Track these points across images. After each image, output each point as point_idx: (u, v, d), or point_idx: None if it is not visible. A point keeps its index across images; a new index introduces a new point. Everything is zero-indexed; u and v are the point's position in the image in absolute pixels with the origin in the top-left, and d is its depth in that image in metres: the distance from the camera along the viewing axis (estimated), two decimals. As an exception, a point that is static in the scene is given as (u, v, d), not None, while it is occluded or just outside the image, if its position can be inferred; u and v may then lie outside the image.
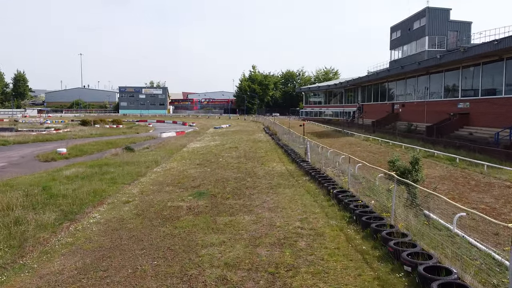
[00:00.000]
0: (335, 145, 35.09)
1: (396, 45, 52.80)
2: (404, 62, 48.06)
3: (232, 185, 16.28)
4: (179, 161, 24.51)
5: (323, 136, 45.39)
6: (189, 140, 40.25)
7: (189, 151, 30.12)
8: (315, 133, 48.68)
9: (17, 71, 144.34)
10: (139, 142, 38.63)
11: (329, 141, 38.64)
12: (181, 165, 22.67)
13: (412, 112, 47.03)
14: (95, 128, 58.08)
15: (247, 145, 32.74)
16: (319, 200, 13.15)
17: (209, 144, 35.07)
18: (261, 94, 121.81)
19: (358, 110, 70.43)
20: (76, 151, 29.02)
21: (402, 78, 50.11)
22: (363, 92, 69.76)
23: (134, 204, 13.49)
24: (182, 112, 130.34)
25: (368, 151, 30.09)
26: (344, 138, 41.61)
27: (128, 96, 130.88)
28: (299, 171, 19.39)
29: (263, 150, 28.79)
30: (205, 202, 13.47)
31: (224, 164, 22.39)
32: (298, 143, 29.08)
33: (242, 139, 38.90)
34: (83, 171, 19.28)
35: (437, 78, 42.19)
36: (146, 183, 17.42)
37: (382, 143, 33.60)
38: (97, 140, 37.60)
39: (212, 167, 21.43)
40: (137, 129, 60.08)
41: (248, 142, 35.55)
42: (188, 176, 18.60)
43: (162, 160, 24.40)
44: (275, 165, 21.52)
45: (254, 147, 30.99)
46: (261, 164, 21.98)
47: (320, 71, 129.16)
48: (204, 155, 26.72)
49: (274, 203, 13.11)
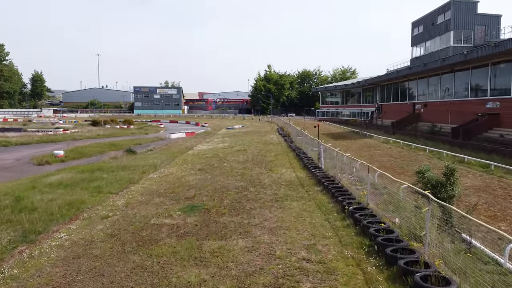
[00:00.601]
0: (352, 148, 32.58)
1: (418, 41, 49.75)
2: (427, 59, 45.10)
3: (232, 196, 14.11)
4: (180, 165, 22.49)
5: (340, 137, 42.85)
6: (198, 141, 38.31)
7: (194, 154, 28.11)
8: (331, 134, 46.17)
9: (35, 72, 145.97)
10: (145, 143, 36.89)
11: (346, 143, 36.13)
12: (181, 170, 20.63)
13: (435, 112, 44.07)
14: (104, 128, 56.82)
15: (256, 148, 30.55)
16: (331, 219, 10.86)
17: (217, 146, 33.02)
18: (276, 94, 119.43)
19: (376, 110, 67.58)
20: (74, 154, 27.35)
21: (424, 77, 47.13)
22: (382, 91, 66.87)
23: (113, 221, 11.46)
24: (197, 112, 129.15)
25: (388, 155, 27.53)
26: (362, 140, 39.02)
27: (143, 96, 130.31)
28: (310, 179, 17.10)
29: (273, 154, 26.55)
30: (196, 219, 11.34)
31: (227, 169, 20.25)
32: (311, 145, 26.79)
33: (252, 141, 36.73)
34: (70, 178, 17.42)
35: (462, 76, 39.18)
36: (136, 192, 15.42)
37: (404, 146, 30.93)
38: (102, 142, 36.02)
39: (214, 173, 19.32)
40: (147, 129, 58.60)
41: (258, 144, 33.36)
42: (185, 184, 16.52)
43: (162, 164, 22.45)
44: (284, 172, 19.27)
45: (264, 150, 28.79)
46: (268, 170, 19.76)
47: (337, 70, 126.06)
48: (209, 159, 24.65)
49: (277, 221, 10.89)
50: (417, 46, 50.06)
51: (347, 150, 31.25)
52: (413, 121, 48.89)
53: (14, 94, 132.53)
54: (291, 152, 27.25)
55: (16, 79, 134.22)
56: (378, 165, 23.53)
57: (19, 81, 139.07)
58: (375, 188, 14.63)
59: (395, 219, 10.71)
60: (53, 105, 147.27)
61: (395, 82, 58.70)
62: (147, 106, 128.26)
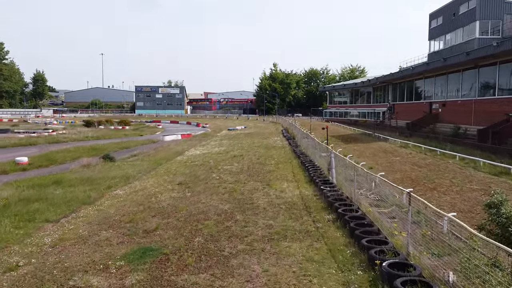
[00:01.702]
0: (366, 153, 28.41)
1: (436, 34, 45.28)
2: (447, 54, 40.73)
3: (209, 229, 10.07)
4: (160, 176, 18.51)
5: (350, 140, 38.64)
6: (192, 145, 34.34)
7: (182, 161, 24.11)
8: (340, 136, 41.96)
9: (36, 71, 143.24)
10: (132, 147, 33.02)
11: (358, 148, 31.94)
12: (157, 184, 16.64)
13: (455, 112, 39.72)
14: (97, 129, 53.17)
15: (256, 153, 26.49)
16: (353, 280, 6.78)
17: (211, 151, 29.00)
18: (282, 93, 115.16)
19: (388, 111, 63.37)
20: (42, 160, 23.50)
21: (443, 73, 42.80)
22: (394, 90, 62.64)
23: (14, 279, 7.46)
24: (200, 112, 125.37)
25: (410, 162, 23.29)
26: (376, 143, 34.77)
27: (145, 95, 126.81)
28: (318, 199, 13.02)
29: (274, 161, 22.47)
30: (141, 276, 7.31)
31: (215, 184, 16.21)
32: (319, 150, 22.68)
33: (252, 145, 32.68)
34: (8, 195, 13.47)
35: (488, 72, 34.83)
36: (83, 219, 11.44)
37: (427, 151, 26.65)
38: (83, 145, 32.16)
39: (197, 189, 15.29)
40: (143, 130, 54.85)
41: (258, 149, 29.30)
42: (153, 207, 12.50)
43: (138, 176, 18.49)
44: (285, 187, 15.19)
45: (264, 156, 24.72)
46: (266, 185, 15.70)
47: (345, 69, 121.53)
48: (196, 168, 20.62)
49: (267, 283, 6.85)
50: (435, 39, 45.63)
51: (360, 156, 27.09)
52: (430, 122, 44.68)
53: (15, 94, 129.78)
54: (295, 159, 23.15)
55: (17, 79, 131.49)
56: (401, 176, 19.35)
57: (20, 80, 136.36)
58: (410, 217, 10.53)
59: (448, 275, 6.63)
60: (55, 105, 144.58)
61: (409, 80, 54.49)
62: (149, 106, 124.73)
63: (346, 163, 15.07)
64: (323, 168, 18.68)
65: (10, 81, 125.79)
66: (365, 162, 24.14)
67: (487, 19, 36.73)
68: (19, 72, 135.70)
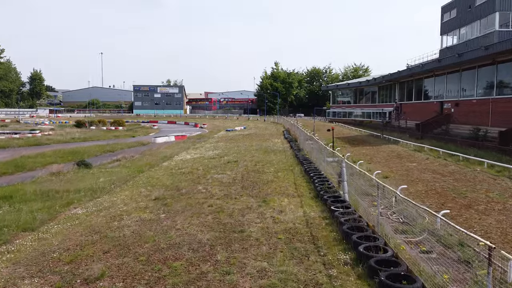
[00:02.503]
0: (378, 158, 25.35)
1: (449, 28, 42.13)
2: (461, 49, 37.63)
3: (176, 277, 7.05)
4: (136, 188, 15.47)
5: (358, 142, 35.55)
6: (184, 147, 31.32)
7: (169, 167, 21.07)
8: (346, 138, 38.93)
9: (34, 70, 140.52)
10: (118, 150, 30.01)
11: (367, 151, 28.86)
12: (131, 198, 13.61)
13: (470, 112, 36.62)
14: (87, 130, 50.21)
15: (253, 158, 23.46)
16: None
17: (204, 155, 25.96)
18: (284, 93, 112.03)
19: (395, 111, 60.27)
20: (8, 167, 20.47)
21: (456, 71, 39.71)
22: (401, 89, 59.60)
23: None
24: (199, 112, 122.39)
25: (429, 170, 20.18)
26: (386, 146, 31.69)
27: (143, 95, 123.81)
28: (328, 226, 9.97)
29: (273, 168, 19.41)
30: None
31: (199, 199, 13.19)
32: (325, 155, 19.70)
33: (250, 148, 29.64)
34: None
35: (508, 68, 31.75)
36: (9, 256, 8.41)
37: (446, 156, 23.55)
38: (63, 148, 29.13)
39: (176, 206, 12.27)
40: (136, 131, 51.85)
41: (257, 153, 26.26)
42: (110, 237, 9.47)
43: (111, 187, 15.47)
44: (285, 205, 12.16)
45: (262, 162, 21.68)
46: (262, 201, 12.67)
47: (348, 68, 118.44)
48: (182, 177, 17.59)
49: None
50: (448, 34, 42.48)
51: (371, 161, 24.05)
52: (442, 122, 41.57)
53: (11, 93, 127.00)
54: (297, 166, 20.09)
55: (13, 78, 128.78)
56: (424, 187, 16.28)
57: (17, 79, 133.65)
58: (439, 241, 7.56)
59: None
60: (52, 104, 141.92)
61: (418, 78, 51.43)
62: (147, 106, 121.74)
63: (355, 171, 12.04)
64: (331, 178, 15.66)
65: (6, 80, 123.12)
66: (378, 168, 21.09)
67: (508, 10, 33.58)
68: (15, 71, 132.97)
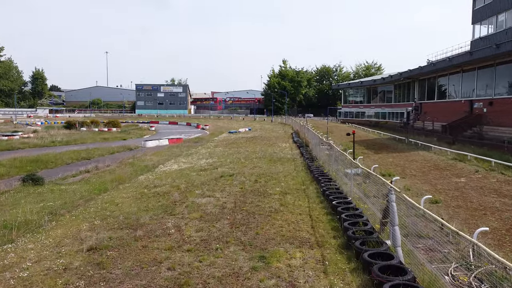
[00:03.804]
0: (410, 169, 20.17)
1: (483, 16, 36.67)
2: (500, 39, 32.27)
3: None
4: (77, 223, 10.58)
5: (380, 148, 30.37)
6: (175, 154, 26.46)
7: (142, 184, 16.13)
8: (364, 142, 33.77)
9: (36, 69, 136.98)
10: (96, 157, 25.26)
11: (395, 160, 23.69)
12: (56, 246, 8.71)
13: (508, 113, 31.35)
14: (76, 132, 45.64)
15: (254, 170, 18.45)
16: None
17: (194, 165, 21.01)
18: (292, 92, 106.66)
19: (414, 111, 54.93)
20: None
21: (489, 65, 34.48)
22: (421, 87, 54.37)
23: None
24: (204, 112, 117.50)
25: (490, 189, 14.99)
26: (415, 153, 26.47)
27: (145, 94, 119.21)
28: None
29: (279, 189, 14.36)
30: None
31: (161, 249, 8.25)
32: (345, 164, 14.67)
33: (252, 155, 24.63)
34: None
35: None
36: None
37: (502, 168, 18.30)
38: (29, 156, 24.33)
39: (114, 271, 7.33)
40: (129, 133, 47.14)
41: (260, 162, 21.25)
42: None
43: (44, 221, 10.58)
44: (298, 267, 7.15)
45: (264, 177, 16.65)
46: (259, 258, 7.68)
47: (360, 66, 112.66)
48: (152, 203, 12.63)
49: None
50: (481, 23, 37.03)
51: (404, 174, 18.93)
52: (473, 124, 36.34)
53: (12, 93, 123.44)
54: (312, 184, 15.02)
55: (14, 77, 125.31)
56: (499, 222, 11.05)
57: (19, 79, 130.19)
58: None
59: None
60: (55, 104, 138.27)
61: (442, 74, 46.15)
62: (150, 105, 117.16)
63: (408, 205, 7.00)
64: (358, 204, 10.71)
65: (6, 79, 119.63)
66: (417, 185, 15.98)
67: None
68: (17, 70, 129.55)
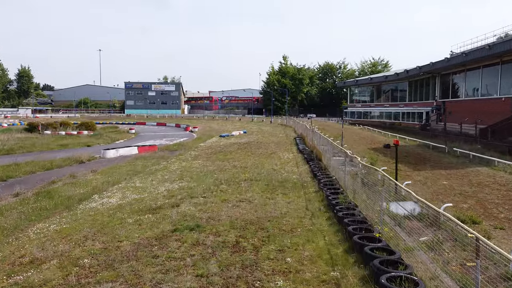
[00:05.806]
0: (489, 202, 12.31)
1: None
2: None
3: None
4: None
5: (415, 160, 22.54)
6: (132, 172, 18.77)
7: (5, 259, 8.45)
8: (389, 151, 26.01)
9: (21, 67, 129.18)
10: (18, 177, 17.58)
11: (449, 181, 15.93)
12: None
13: None
14: (36, 136, 38.07)
15: (239, 215, 10.74)
16: None
17: (145, 198, 13.29)
18: (293, 90, 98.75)
19: (436, 110, 47.41)
20: None
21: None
22: (444, 83, 46.89)
23: None
24: (199, 112, 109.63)
25: None
26: (472, 170, 18.74)
27: (135, 93, 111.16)
28: None
29: (282, 281, 6.61)
30: None
31: None
32: (390, 196, 6.99)
33: (241, 175, 16.84)
34: None
35: None
36: None
37: None
38: None
39: None
40: (100, 137, 39.43)
41: (250, 189, 13.53)
42: None
43: None
44: None
45: (256, 235, 8.92)
46: None
47: (366, 63, 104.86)
48: None
49: None
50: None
51: (486, 213, 11.23)
52: (521, 126, 28.91)
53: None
54: (348, 255, 7.36)
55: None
56: None
57: (3, 77, 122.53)
58: None
59: None
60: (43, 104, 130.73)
61: (472, 67, 38.91)
62: (141, 105, 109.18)
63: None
64: None
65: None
66: None
67: None
68: (2, 68, 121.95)
